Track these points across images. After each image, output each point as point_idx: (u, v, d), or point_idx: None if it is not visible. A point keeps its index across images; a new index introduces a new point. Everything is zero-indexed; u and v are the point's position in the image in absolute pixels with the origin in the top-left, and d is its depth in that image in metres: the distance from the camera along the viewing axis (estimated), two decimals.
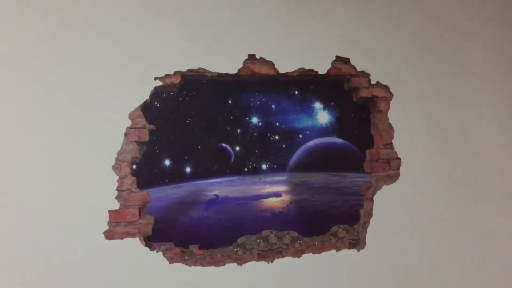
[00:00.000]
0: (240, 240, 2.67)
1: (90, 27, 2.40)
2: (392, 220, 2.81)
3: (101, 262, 2.32)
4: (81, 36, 2.39)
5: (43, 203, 2.26)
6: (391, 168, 2.83)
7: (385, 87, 2.86)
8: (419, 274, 2.82)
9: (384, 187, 2.81)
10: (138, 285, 2.36)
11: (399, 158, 2.84)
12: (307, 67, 2.72)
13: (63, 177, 2.30)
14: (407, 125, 2.88)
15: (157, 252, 2.41)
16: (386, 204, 2.80)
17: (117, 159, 2.37)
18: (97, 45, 2.40)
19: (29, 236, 2.25)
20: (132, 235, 2.36)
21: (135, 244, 2.37)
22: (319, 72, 2.75)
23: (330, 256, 2.70)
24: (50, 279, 2.26)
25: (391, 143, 2.84)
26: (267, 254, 2.62)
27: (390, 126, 2.85)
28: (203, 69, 2.53)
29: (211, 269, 2.48)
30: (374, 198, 2.80)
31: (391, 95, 2.86)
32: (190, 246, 2.57)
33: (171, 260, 2.43)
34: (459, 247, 2.92)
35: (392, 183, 2.82)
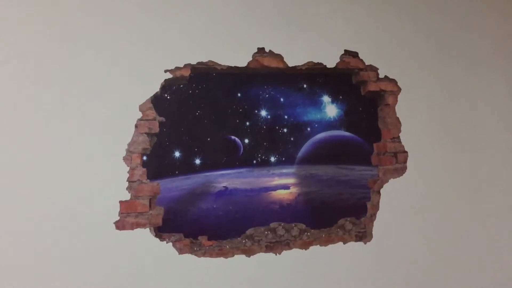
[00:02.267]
0: (248, 232, 2.69)
1: (102, 20, 2.43)
2: (399, 213, 2.82)
3: (112, 252, 2.35)
4: (94, 29, 2.41)
5: (56, 194, 2.30)
6: (398, 161, 2.83)
7: (393, 81, 2.86)
8: (425, 268, 2.83)
9: (391, 181, 2.81)
10: (148, 276, 2.40)
11: (406, 152, 2.84)
12: (315, 61, 2.72)
13: (75, 169, 2.33)
14: (415, 119, 2.88)
15: (166, 243, 2.44)
16: (393, 197, 2.81)
17: (128, 151, 2.39)
18: (109, 38, 2.42)
19: (42, 226, 2.28)
20: (143, 225, 2.39)
21: (145, 235, 2.40)
22: (328, 66, 2.75)
23: (337, 249, 2.72)
24: (63, 268, 2.30)
25: (398, 137, 2.84)
26: (275, 245, 2.65)
27: (397, 120, 2.85)
28: (212, 62, 2.54)
29: (220, 260, 2.51)
30: (381, 191, 2.80)
31: (399, 89, 2.87)
32: (199, 237, 2.59)
33: (180, 251, 2.46)
34: (465, 242, 2.91)
35: (399, 176, 2.82)
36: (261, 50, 2.64)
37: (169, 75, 2.47)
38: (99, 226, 2.34)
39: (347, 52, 2.78)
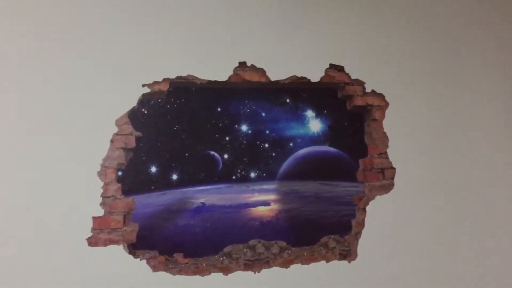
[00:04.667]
0: (226, 249, 2.65)
1: (79, 32, 2.40)
2: (385, 231, 2.75)
3: (84, 269, 2.30)
4: (71, 42, 2.39)
5: (28, 206, 2.26)
6: (385, 177, 2.78)
7: (381, 96, 2.81)
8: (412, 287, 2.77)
9: (378, 197, 2.76)
10: None
11: (393, 168, 2.79)
12: (299, 75, 2.69)
13: (47, 182, 2.29)
14: (403, 134, 2.83)
15: (140, 260, 2.39)
16: (379, 214, 2.75)
17: (102, 166, 2.36)
18: (85, 50, 2.40)
19: (12, 239, 2.23)
20: (116, 242, 2.34)
21: (118, 252, 2.35)
22: (312, 80, 2.71)
23: (319, 267, 2.66)
24: (34, 283, 2.24)
25: (385, 153, 2.79)
26: (254, 264, 2.60)
27: (385, 135, 2.80)
28: (192, 76, 2.52)
29: (196, 278, 2.46)
30: (367, 208, 2.75)
31: (387, 103, 2.82)
32: (175, 255, 2.55)
33: (155, 268, 2.40)
34: (454, 259, 2.85)
35: (386, 193, 2.77)
36: (242, 64, 2.61)
37: (146, 89, 2.45)
38: (71, 241, 2.29)
39: (332, 66, 2.74)
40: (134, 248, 2.47)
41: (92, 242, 2.31)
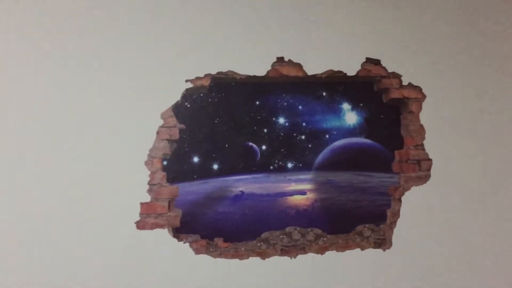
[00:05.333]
0: (263, 235, 2.73)
1: (127, 30, 2.54)
2: (420, 221, 2.74)
3: (132, 250, 2.48)
4: (120, 39, 2.53)
5: (83, 194, 2.45)
6: (421, 169, 2.76)
7: (418, 88, 2.77)
8: (445, 278, 2.75)
9: (413, 188, 2.74)
10: (166, 274, 2.51)
11: (430, 159, 2.76)
12: (336, 69, 2.69)
13: (100, 171, 2.47)
14: (440, 127, 2.78)
15: (184, 243, 2.54)
16: (415, 205, 2.74)
17: (149, 155, 2.51)
18: (133, 49, 2.54)
19: (67, 225, 2.44)
20: (162, 226, 2.50)
21: (164, 235, 2.51)
22: (348, 74, 2.72)
23: (354, 255, 2.69)
24: (86, 265, 2.45)
25: (422, 145, 2.76)
26: (290, 249, 2.67)
27: (421, 127, 2.77)
28: (232, 71, 2.60)
29: (235, 261, 2.58)
30: (402, 198, 2.74)
31: (424, 96, 2.77)
32: (215, 239, 2.68)
33: (197, 251, 2.55)
34: (486, 254, 2.80)
35: (422, 184, 2.75)
36: (280, 59, 2.65)
37: (189, 85, 2.56)
38: (121, 225, 2.47)
39: (368, 60, 2.73)
40: (178, 232, 2.62)
41: (140, 225, 2.48)
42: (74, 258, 2.44)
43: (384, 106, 2.93)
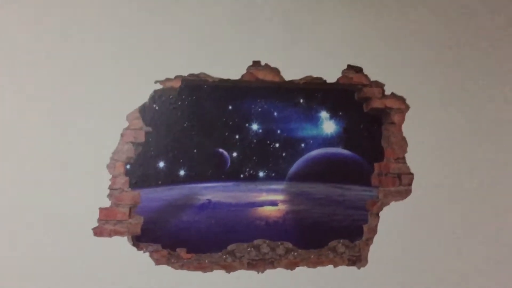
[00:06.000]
0: (230, 247, 2.65)
1: (92, 29, 2.44)
2: (398, 239, 2.65)
3: (88, 257, 2.35)
4: (84, 38, 2.42)
5: (37, 196, 2.32)
6: (402, 183, 2.67)
7: (401, 99, 2.69)
8: None
9: (392, 203, 2.65)
10: (123, 284, 2.38)
11: (411, 174, 2.68)
12: (315, 75, 2.61)
13: (58, 172, 2.34)
14: (423, 140, 2.70)
15: (144, 252, 2.43)
16: (393, 221, 2.65)
17: (112, 158, 2.39)
18: (99, 46, 2.43)
19: (20, 228, 2.30)
20: (121, 233, 2.38)
21: (123, 243, 2.39)
22: (328, 81, 2.63)
23: (326, 272, 2.59)
24: (39, 270, 2.31)
25: (403, 158, 2.68)
26: (258, 263, 2.59)
27: (403, 140, 2.68)
28: (204, 74, 2.52)
29: (198, 274, 2.48)
30: (380, 213, 2.65)
31: (407, 107, 2.70)
32: (178, 249, 2.58)
33: (157, 262, 2.44)
34: (471, 270, 2.72)
35: (402, 200, 2.66)
36: (256, 63, 2.57)
37: (159, 86, 2.47)
38: (77, 231, 2.34)
39: (350, 67, 2.65)
40: (138, 241, 2.50)
41: (98, 232, 2.35)
42: (23, 265, 2.29)
43: (364, 116, 2.85)
